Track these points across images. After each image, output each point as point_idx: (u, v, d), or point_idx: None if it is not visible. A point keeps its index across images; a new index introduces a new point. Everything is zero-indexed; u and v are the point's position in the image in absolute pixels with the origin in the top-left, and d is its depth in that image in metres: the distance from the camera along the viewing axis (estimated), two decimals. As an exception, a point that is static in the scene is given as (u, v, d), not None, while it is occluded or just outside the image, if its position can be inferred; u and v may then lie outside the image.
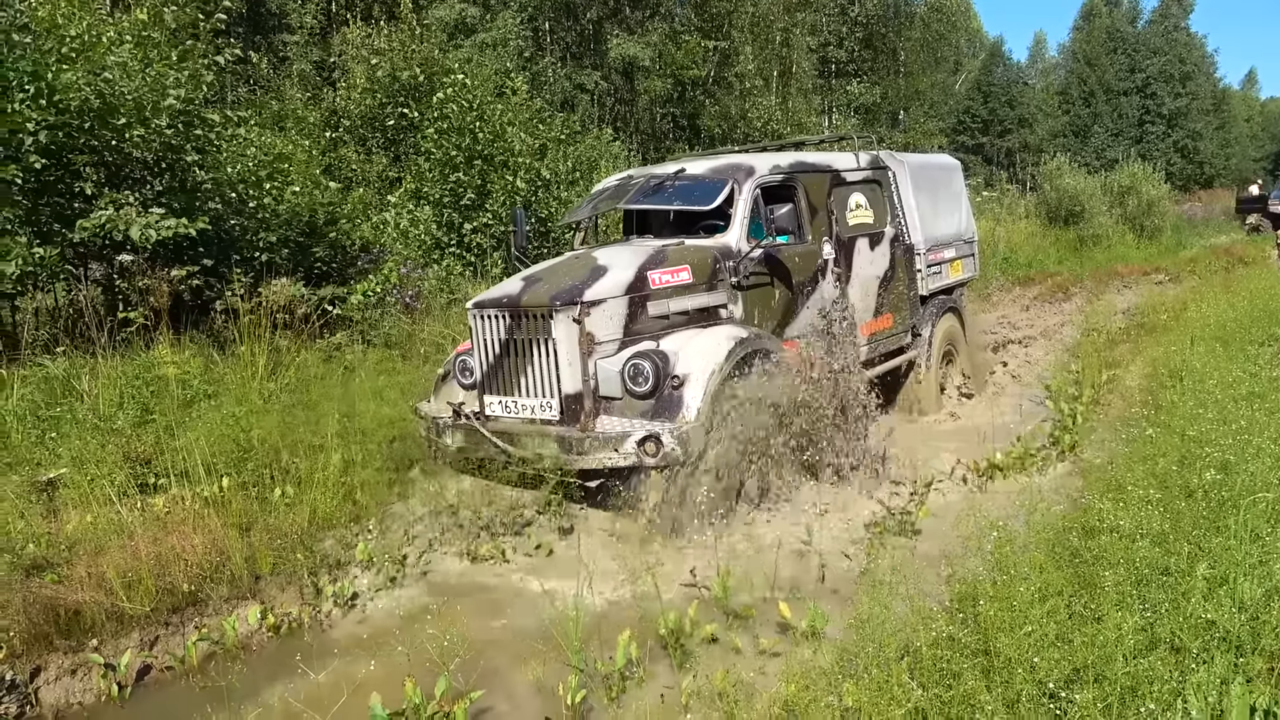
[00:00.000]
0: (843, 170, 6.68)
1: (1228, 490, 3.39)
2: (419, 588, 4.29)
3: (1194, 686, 2.55)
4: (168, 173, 7.57)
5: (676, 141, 22.87)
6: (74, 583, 3.86)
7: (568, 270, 5.39)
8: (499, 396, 5.19)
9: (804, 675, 2.77)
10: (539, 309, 4.96)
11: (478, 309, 5.24)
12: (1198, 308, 9.87)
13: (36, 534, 4.20)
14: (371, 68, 12.81)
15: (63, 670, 3.53)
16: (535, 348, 4.99)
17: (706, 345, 5.04)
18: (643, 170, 6.76)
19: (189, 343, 7.01)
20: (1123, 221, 22.73)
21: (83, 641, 3.65)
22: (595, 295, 4.98)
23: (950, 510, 4.95)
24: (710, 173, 6.06)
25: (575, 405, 4.89)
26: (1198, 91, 47.04)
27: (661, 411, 4.76)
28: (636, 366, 4.85)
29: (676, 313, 5.33)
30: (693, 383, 4.80)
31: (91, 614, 3.73)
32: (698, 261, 5.48)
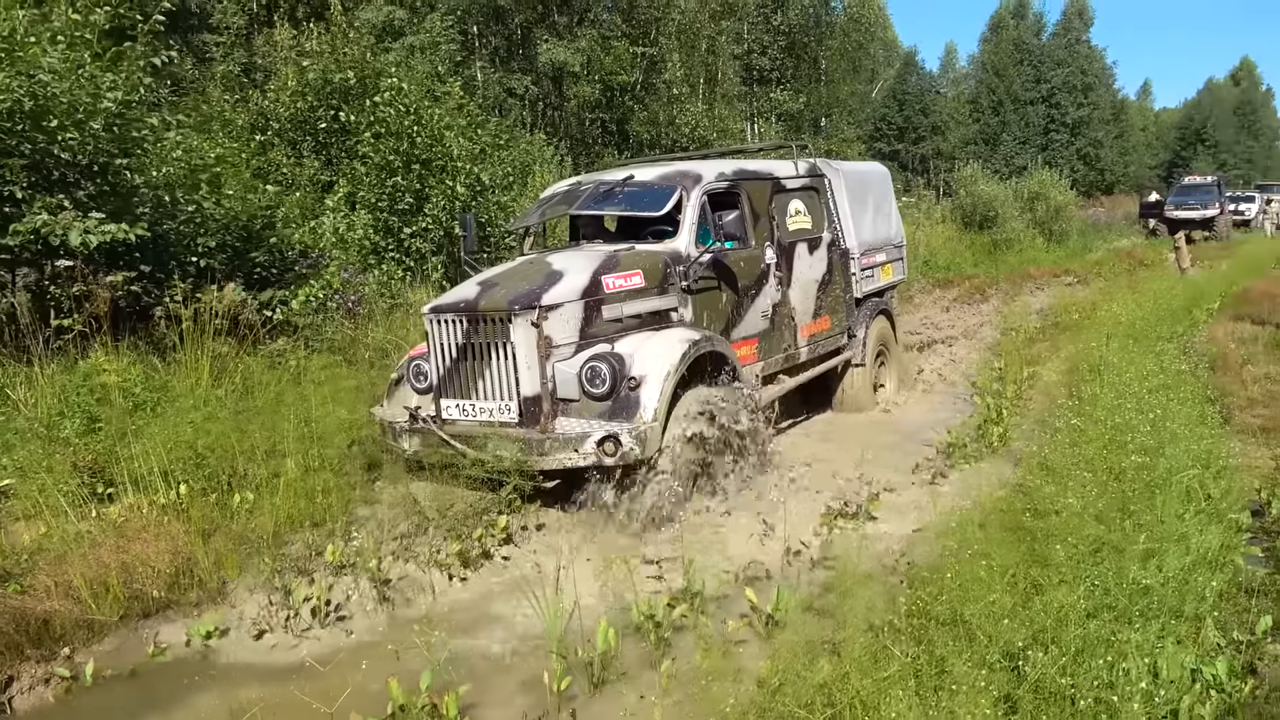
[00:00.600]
0: (783, 178, 6.91)
1: (1151, 472, 3.72)
2: (391, 590, 4.33)
3: (1134, 647, 2.82)
4: (99, 176, 7.39)
5: (605, 146, 23.07)
6: (39, 592, 3.81)
7: (523, 275, 5.50)
8: (456, 400, 5.27)
9: (779, 654, 2.95)
10: (497, 313, 5.06)
11: (435, 314, 5.30)
12: (1108, 307, 10.51)
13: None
14: (301, 70, 12.63)
15: (36, 679, 3.50)
16: (493, 351, 5.10)
17: (661, 347, 5.20)
18: (592, 176, 6.89)
19: (127, 350, 6.88)
20: (1033, 226, 23.80)
21: (54, 650, 3.62)
22: (552, 299, 5.10)
23: (898, 502, 5.25)
24: (659, 179, 6.21)
25: (534, 407, 5.02)
26: (1098, 102, 49.38)
27: (619, 412, 4.92)
28: (594, 369, 4.98)
29: (630, 316, 5.49)
30: (649, 384, 4.96)
31: (61, 623, 3.70)
32: (649, 266, 5.65)
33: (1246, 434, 5.83)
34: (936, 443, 6.43)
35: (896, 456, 6.30)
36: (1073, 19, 50.75)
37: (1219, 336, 8.79)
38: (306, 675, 3.55)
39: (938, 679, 2.40)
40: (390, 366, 7.93)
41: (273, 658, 3.75)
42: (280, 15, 18.51)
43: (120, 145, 7.26)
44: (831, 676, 2.52)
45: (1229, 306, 11.38)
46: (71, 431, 5.43)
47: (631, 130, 23.26)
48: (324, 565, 4.39)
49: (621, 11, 23.43)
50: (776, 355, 6.65)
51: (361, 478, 5.47)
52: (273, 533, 4.62)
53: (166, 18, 8.29)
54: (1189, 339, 8.59)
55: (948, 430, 6.64)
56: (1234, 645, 3.20)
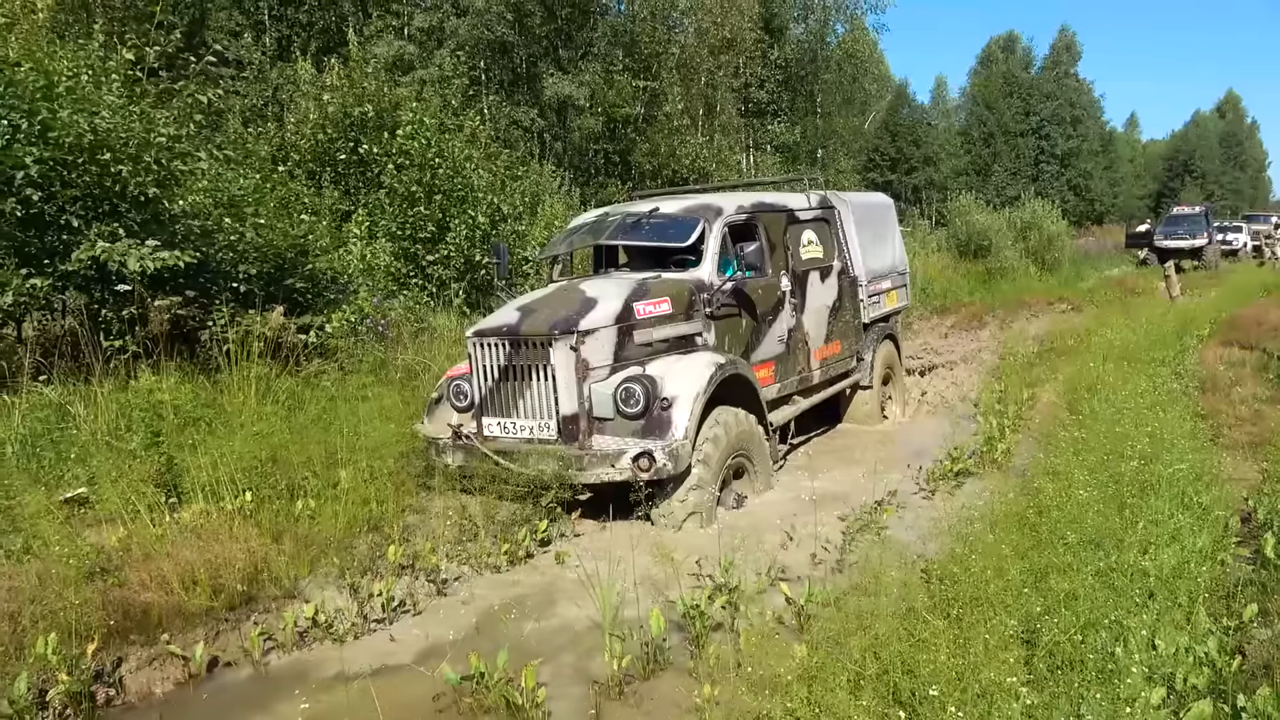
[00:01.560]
0: (797, 210, 7.36)
1: (1148, 475, 4.11)
2: (448, 587, 4.70)
3: (1133, 627, 3.20)
4: (147, 206, 7.79)
5: (609, 177, 23.60)
6: (135, 586, 4.17)
7: (560, 301, 5.89)
8: (498, 418, 5.69)
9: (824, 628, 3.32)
10: (538, 337, 5.47)
11: (478, 337, 5.72)
12: (1102, 333, 10.95)
13: (87, 546, 4.47)
14: (322, 104, 13.11)
15: (142, 661, 3.84)
16: (534, 373, 5.51)
17: (690, 370, 5.62)
18: (619, 208, 7.30)
19: (174, 370, 7.25)
20: (1026, 255, 24.31)
21: (155, 636, 3.97)
22: (589, 325, 5.51)
23: (908, 511, 5.62)
24: (683, 212, 6.62)
25: (572, 425, 5.42)
26: (1087, 133, 50.43)
27: (652, 430, 5.33)
28: (628, 390, 5.38)
29: (658, 340, 5.90)
30: (680, 404, 5.38)
31: (159, 611, 4.06)
32: (676, 294, 6.06)
33: (1234, 449, 6.23)
34: (943, 457, 6.80)
35: (905, 470, 6.67)
36: (1061, 53, 51.92)
37: (1209, 360, 9.23)
38: (391, 656, 3.91)
39: (966, 642, 2.78)
40: (421, 386, 8.35)
41: (357, 645, 4.10)
42: (296, 49, 19.09)
43: (169, 177, 7.67)
44: (873, 642, 2.89)
45: (1218, 333, 11.83)
46: (138, 445, 5.79)
47: (634, 161, 23.83)
48: (387, 565, 4.74)
49: (624, 46, 24.07)
50: (792, 378, 7.09)
51: (412, 487, 5.82)
52: (337, 536, 4.98)
53: (192, 52, 8.75)
54: (1180, 362, 9.02)
55: (953, 447, 7.02)
56: (1223, 630, 3.58)
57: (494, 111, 19.89)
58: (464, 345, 6.02)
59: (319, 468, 5.72)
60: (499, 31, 20.84)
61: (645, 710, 3.49)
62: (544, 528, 5.30)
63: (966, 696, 2.43)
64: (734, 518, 5.60)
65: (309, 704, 3.64)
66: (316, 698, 3.68)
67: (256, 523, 5.00)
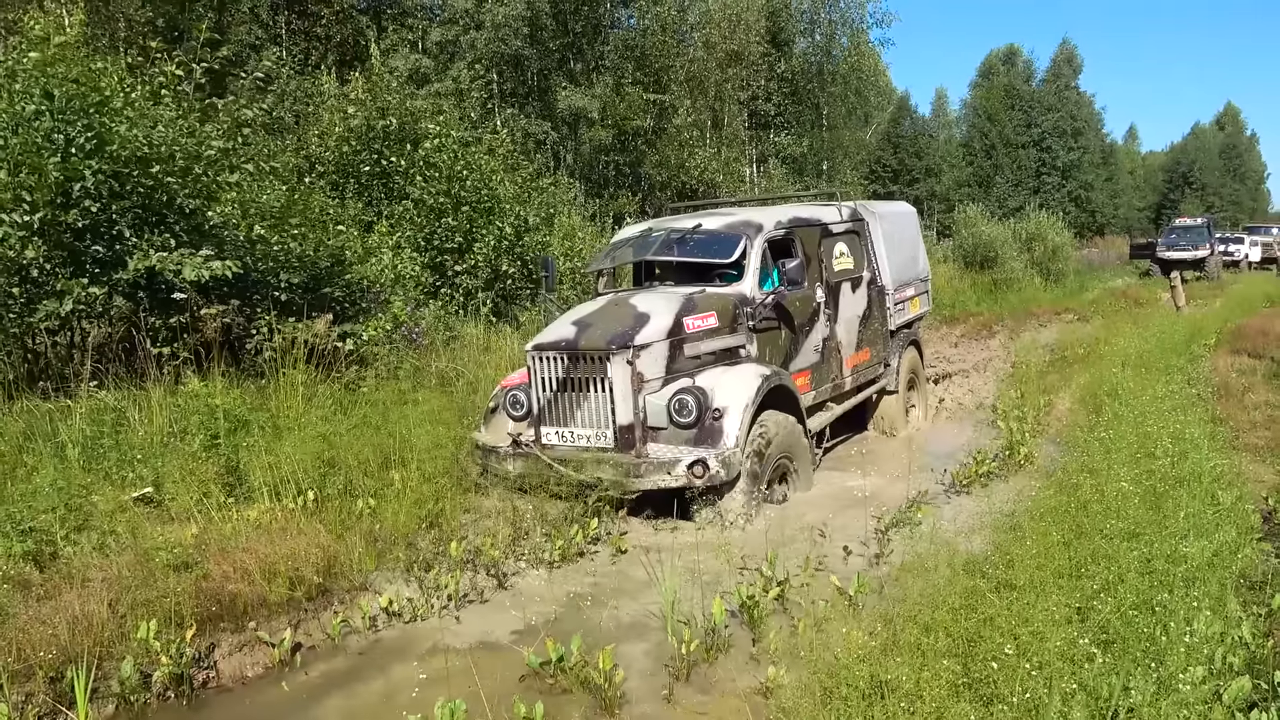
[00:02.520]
0: (830, 223, 7.63)
1: (1178, 473, 4.36)
2: (513, 580, 4.94)
3: (1175, 609, 3.44)
4: (192, 217, 8.04)
5: (619, 188, 23.86)
6: (218, 578, 4.40)
7: (614, 317, 6.15)
8: (556, 428, 5.95)
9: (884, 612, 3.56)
10: (596, 352, 5.74)
11: (537, 351, 5.98)
12: (1113, 342, 11.20)
13: (166, 540, 4.71)
14: (347, 117, 13.37)
15: (233, 646, 4.07)
16: (592, 385, 5.78)
17: (739, 381, 5.91)
18: (661, 223, 7.54)
19: (219, 376, 7.49)
20: (1031, 266, 24.61)
21: (242, 623, 4.20)
22: (644, 339, 5.81)
23: (940, 510, 5.86)
24: (725, 228, 6.89)
25: (628, 435, 5.70)
26: (1088, 145, 50.77)
27: (704, 439, 5.62)
28: (681, 401, 5.68)
29: (706, 353, 6.19)
30: (730, 414, 5.67)
31: (245, 601, 4.29)
32: (721, 308, 6.35)
33: (1251, 452, 6.48)
34: (968, 460, 7.03)
35: (932, 473, 6.91)
36: (1061, 66, 52.32)
37: (1221, 367, 9.49)
38: (466, 641, 4.15)
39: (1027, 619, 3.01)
40: (455, 392, 8.60)
41: (432, 631, 4.33)
42: (314, 62, 19.38)
43: (215, 189, 7.92)
44: (934, 621, 3.13)
45: (1225, 342, 12.10)
46: (199, 446, 6.03)
47: (644, 173, 24.10)
48: (450, 560, 4.97)
49: (635, 59, 24.38)
50: (826, 385, 7.38)
51: (466, 487, 6.07)
52: (399, 533, 5.21)
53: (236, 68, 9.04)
54: (1192, 370, 9.27)
55: (977, 450, 7.26)
56: (1253, 617, 3.81)
57: (509, 124, 20.18)
58: (523, 357, 6.28)
59: (374, 468, 5.96)
60: (514, 45, 21.14)
61: (714, 690, 3.72)
62: (594, 526, 5.53)
63: (1041, 659, 2.67)
64: (776, 515, 5.83)
65: (395, 683, 3.87)
66: (406, 677, 3.91)
67: (321, 520, 5.23)
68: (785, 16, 29.20)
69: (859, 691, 3.07)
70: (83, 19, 10.99)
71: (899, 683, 2.97)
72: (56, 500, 5.01)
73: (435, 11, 23.62)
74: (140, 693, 3.73)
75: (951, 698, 2.76)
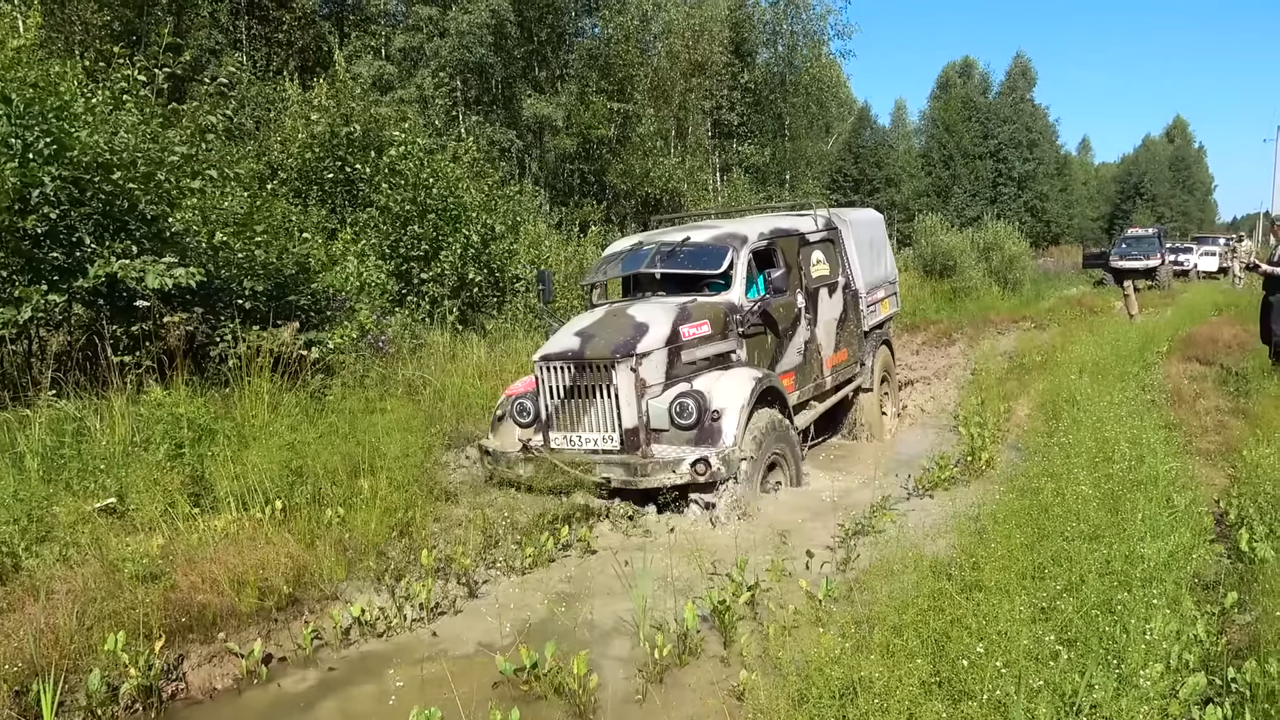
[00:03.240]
0: (806, 232, 8.02)
1: (1135, 476, 4.49)
2: (485, 588, 4.94)
3: (1132, 609, 3.55)
4: (153, 224, 7.94)
5: (584, 197, 23.92)
6: (185, 588, 4.35)
7: (615, 327, 6.42)
8: (564, 432, 6.26)
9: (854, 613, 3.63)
10: (601, 360, 6.05)
11: (545, 361, 6.27)
12: (1070, 349, 11.46)
13: (132, 551, 4.64)
14: (310, 123, 13.27)
15: (202, 658, 4.03)
16: (597, 391, 6.09)
17: (734, 384, 6.24)
18: (651, 237, 7.88)
19: (183, 385, 7.39)
20: (989, 275, 25.06)
21: (212, 634, 4.16)
22: (645, 348, 6.13)
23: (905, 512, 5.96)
24: (713, 240, 7.23)
25: (633, 437, 6.00)
26: (1043, 157, 51.79)
27: (705, 439, 5.98)
28: (682, 404, 6.02)
29: (701, 358, 6.55)
30: (728, 415, 6.02)
31: (214, 612, 4.25)
32: (714, 316, 6.70)
33: (1203, 456, 6.68)
34: (931, 466, 7.16)
35: (896, 478, 7.02)
36: (1016, 78, 53.34)
37: (1173, 374, 9.75)
38: (439, 650, 4.15)
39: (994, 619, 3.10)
40: (422, 400, 8.59)
41: (405, 640, 4.33)
42: (276, 68, 19.19)
43: (178, 195, 7.83)
44: (909, 621, 3.20)
45: (1176, 349, 12.42)
46: (163, 456, 5.95)
47: (608, 181, 24.18)
48: (421, 568, 4.96)
49: (599, 68, 24.47)
50: (809, 385, 7.81)
51: (436, 495, 6.05)
52: (369, 542, 5.19)
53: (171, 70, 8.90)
54: (1146, 377, 9.51)
55: (940, 456, 7.39)
56: (1207, 615, 3.94)
57: (474, 131, 20.14)
58: (531, 367, 6.55)
59: (342, 477, 5.92)
60: (478, 53, 21.11)
61: (688, 694, 3.76)
62: (565, 533, 5.55)
63: (1009, 658, 2.75)
64: (746, 522, 5.90)
65: (368, 692, 3.86)
66: (379, 687, 3.90)
67: (289, 529, 5.19)
68: (748, 27, 29.53)
69: (831, 692, 3.13)
70: (39, 21, 10.80)
71: (871, 682, 3.03)
72: (18, 511, 4.91)
73: (399, 18, 23.53)
74: (108, 705, 3.68)
75: (923, 696, 2.82)
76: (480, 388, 9.27)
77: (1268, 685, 3.15)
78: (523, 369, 9.94)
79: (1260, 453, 5.79)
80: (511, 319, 11.74)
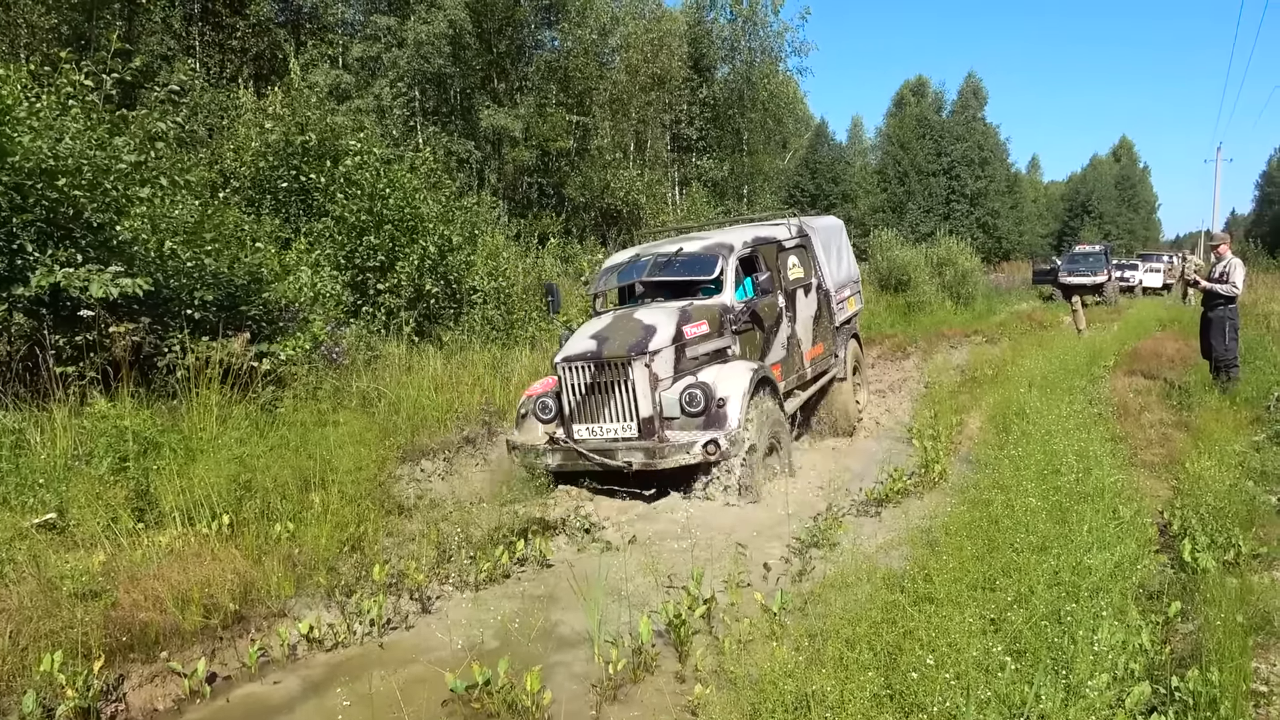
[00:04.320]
0: (783, 239, 8.95)
1: (1082, 488, 4.57)
2: (438, 604, 4.87)
3: (1080, 619, 3.60)
4: (99, 232, 7.75)
5: (542, 209, 23.86)
6: (128, 606, 4.23)
7: (626, 329, 7.13)
8: (586, 424, 6.92)
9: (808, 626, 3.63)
10: (619, 359, 6.76)
11: (566, 362, 6.94)
12: (1020, 363, 11.66)
13: (71, 568, 4.50)
14: (264, 132, 13.09)
15: (144, 678, 3.91)
16: (616, 387, 6.78)
17: (734, 375, 7.03)
18: (648, 249, 8.75)
19: (128, 397, 7.21)
20: (942, 289, 25.44)
21: (154, 653, 4.04)
22: (656, 346, 6.86)
23: (860, 524, 6.01)
24: (703, 250, 8.07)
25: (650, 425, 6.73)
26: (994, 174, 52.82)
27: (712, 424, 6.69)
28: (691, 394, 6.75)
29: (702, 354, 7.31)
30: (732, 402, 6.79)
31: (156, 630, 4.13)
32: (710, 316, 7.49)
33: (1147, 468, 6.83)
34: (885, 478, 7.22)
35: (848, 493, 7.07)
36: (968, 97, 54.38)
37: (1119, 388, 9.96)
38: (388, 668, 4.07)
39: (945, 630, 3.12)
40: (376, 413, 8.49)
41: (355, 657, 4.24)
42: (230, 75, 18.91)
43: (125, 203, 7.66)
44: (862, 634, 3.22)
45: (1122, 363, 12.70)
46: (106, 469, 5.79)
47: (567, 194, 24.16)
48: (373, 584, 4.88)
49: (558, 80, 24.48)
50: (793, 375, 8.68)
51: (389, 509, 5.96)
52: (319, 557, 5.09)
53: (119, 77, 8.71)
54: (1093, 390, 9.72)
55: (894, 468, 7.46)
56: (1151, 625, 4.02)
57: (432, 141, 20.00)
58: (553, 369, 7.23)
59: (292, 491, 5.81)
60: (436, 63, 21.00)
61: (642, 711, 3.73)
62: (520, 547, 5.50)
63: (959, 669, 2.77)
64: (703, 533, 5.89)
65: (315, 712, 3.78)
66: (327, 706, 3.81)
67: (237, 545, 5.08)
68: (707, 43, 29.73)
69: (785, 706, 3.13)
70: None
71: (824, 696, 3.04)
72: (-49, 527, 4.75)
73: (356, 27, 23.33)
74: (42, 729, 3.55)
75: (874, 709, 2.83)
76: (436, 400, 9.18)
77: (1209, 693, 3.22)
78: (478, 381, 9.88)
79: (1202, 465, 5.93)
80: (469, 330, 11.65)
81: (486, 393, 9.62)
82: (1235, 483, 5.70)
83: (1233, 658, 3.36)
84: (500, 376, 10.24)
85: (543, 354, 11.32)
